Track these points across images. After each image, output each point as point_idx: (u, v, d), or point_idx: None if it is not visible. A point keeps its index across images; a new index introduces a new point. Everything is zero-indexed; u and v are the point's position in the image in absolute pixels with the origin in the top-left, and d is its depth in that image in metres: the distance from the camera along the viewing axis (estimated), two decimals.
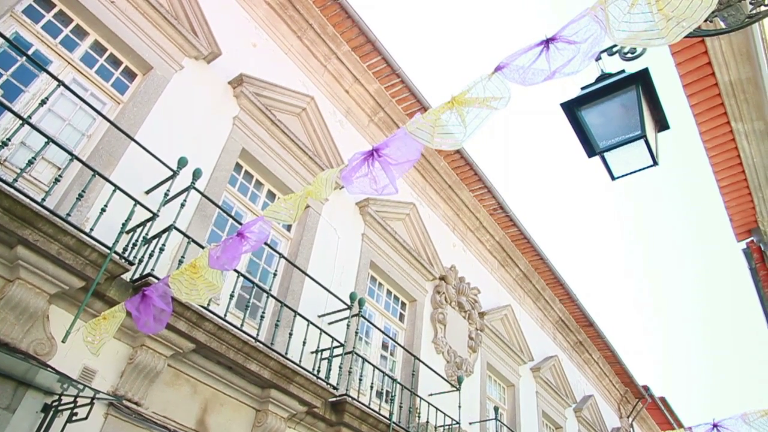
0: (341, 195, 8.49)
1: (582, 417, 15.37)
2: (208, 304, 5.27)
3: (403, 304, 9.52)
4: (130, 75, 6.20)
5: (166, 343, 5.02)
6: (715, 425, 4.80)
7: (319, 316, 7.03)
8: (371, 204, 8.85)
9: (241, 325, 5.50)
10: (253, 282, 5.96)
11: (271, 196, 7.52)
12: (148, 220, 5.01)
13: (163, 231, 5.16)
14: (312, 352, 6.45)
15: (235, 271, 5.71)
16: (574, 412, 15.18)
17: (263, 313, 6.02)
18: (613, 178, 3.52)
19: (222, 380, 5.61)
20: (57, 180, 4.62)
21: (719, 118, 8.43)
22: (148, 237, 5.12)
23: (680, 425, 21.29)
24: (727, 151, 8.99)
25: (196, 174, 5.37)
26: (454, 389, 8.44)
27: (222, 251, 3.24)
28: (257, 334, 5.65)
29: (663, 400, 22.53)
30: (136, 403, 4.86)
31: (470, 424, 9.66)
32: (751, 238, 10.54)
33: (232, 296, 5.60)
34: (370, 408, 6.72)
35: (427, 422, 7.88)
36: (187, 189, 5.36)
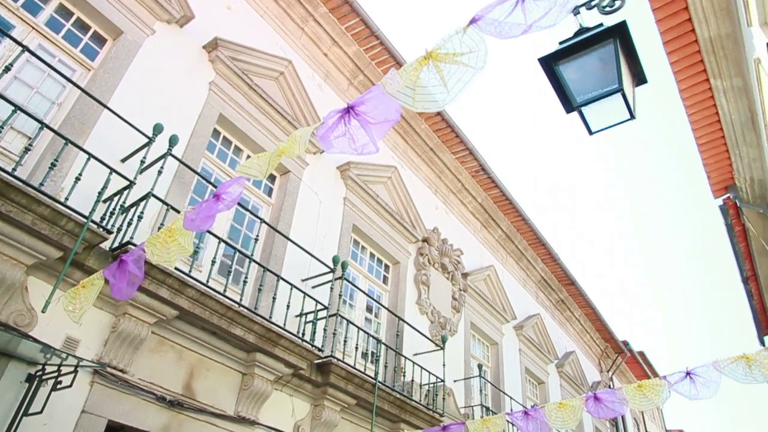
0: (322, 159, 8.42)
1: (564, 372, 15.77)
2: (190, 271, 5.25)
3: (387, 267, 9.58)
4: (100, 40, 6.01)
5: (149, 311, 5.01)
6: (688, 373, 4.96)
7: (303, 280, 7.05)
8: (352, 168, 8.79)
9: (224, 290, 5.49)
10: (234, 248, 5.95)
11: None
12: (125, 189, 4.93)
13: (141, 199, 5.08)
14: (296, 316, 6.49)
15: (216, 237, 5.69)
16: (556, 367, 15.57)
17: (246, 278, 6.01)
18: (590, 132, 3.53)
19: (207, 345, 5.63)
20: (27, 149, 4.51)
21: (698, 75, 8.45)
22: (126, 205, 5.05)
23: (657, 376, 21.88)
24: (706, 108, 9.04)
25: (173, 141, 5.27)
26: (439, 348, 8.58)
27: (197, 213, 3.21)
28: (240, 299, 5.65)
29: (642, 354, 23.17)
30: (121, 371, 4.87)
31: (455, 381, 9.86)
32: (728, 195, 10.70)
33: (213, 262, 5.58)
34: (355, 368, 6.82)
35: (413, 381, 8.03)
36: (163, 156, 5.28)
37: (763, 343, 13.39)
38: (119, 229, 4.97)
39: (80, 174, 4.63)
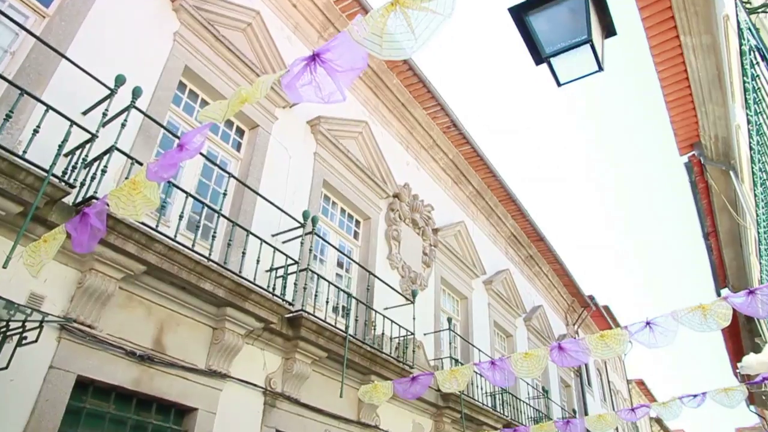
0: (291, 114, 8.29)
1: (531, 326, 16.21)
2: (157, 226, 5.18)
3: (357, 222, 9.60)
4: None
5: (116, 266, 4.94)
6: (648, 323, 5.14)
7: (273, 236, 7.02)
8: (322, 122, 8.68)
9: (193, 245, 5.44)
10: (202, 202, 5.86)
11: None
12: (87, 142, 4.79)
13: (104, 152, 4.95)
14: (267, 271, 6.49)
15: (184, 191, 5.60)
16: (524, 321, 15.99)
17: (215, 233, 5.95)
18: (559, 84, 3.51)
19: (176, 301, 5.60)
20: None
21: (669, 32, 8.48)
22: (89, 159, 4.92)
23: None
24: (675, 65, 9.12)
25: (136, 92, 5.11)
26: (409, 302, 8.71)
27: (159, 163, 3.14)
28: (210, 254, 5.61)
29: (606, 308, 23.95)
30: (89, 326, 4.83)
31: (425, 335, 10.05)
32: (693, 152, 10.92)
33: (181, 217, 5.50)
34: (326, 322, 6.89)
35: (383, 334, 8.16)
36: (127, 108, 5.12)
37: (719, 295, 13.91)
38: (82, 184, 4.85)
39: (38, 126, 4.47)
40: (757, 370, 9.75)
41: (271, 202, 6.59)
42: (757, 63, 3.75)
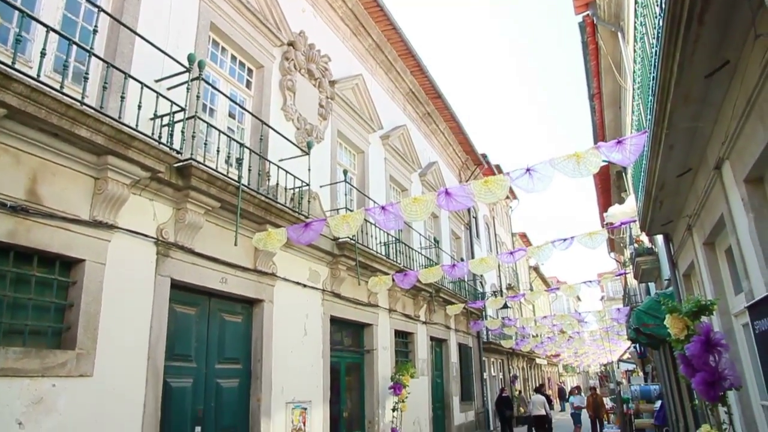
0: None
1: (426, 181, 16.85)
2: (14, 63, 4.61)
3: (250, 71, 9.09)
4: None
5: None
6: (527, 169, 5.47)
7: (156, 81, 6.51)
8: None
9: (61, 87, 4.94)
10: (69, 39, 5.24)
11: None
12: None
13: None
14: (150, 119, 6.10)
15: (44, 24, 4.96)
16: (419, 176, 16.56)
17: (86, 74, 5.41)
18: None
19: (49, 149, 5.16)
20: None
21: None
22: None
23: None
24: None
25: None
26: (304, 154, 8.65)
27: None
28: (83, 98, 5.15)
29: (498, 167, 25.28)
30: None
31: (321, 187, 10.17)
32: (588, 12, 11.10)
33: (43, 54, 4.90)
34: (218, 172, 6.73)
35: (278, 185, 8.14)
36: None
37: None
38: None
39: None
40: (618, 218, 10.92)
41: (150, 43, 6.04)
42: None
